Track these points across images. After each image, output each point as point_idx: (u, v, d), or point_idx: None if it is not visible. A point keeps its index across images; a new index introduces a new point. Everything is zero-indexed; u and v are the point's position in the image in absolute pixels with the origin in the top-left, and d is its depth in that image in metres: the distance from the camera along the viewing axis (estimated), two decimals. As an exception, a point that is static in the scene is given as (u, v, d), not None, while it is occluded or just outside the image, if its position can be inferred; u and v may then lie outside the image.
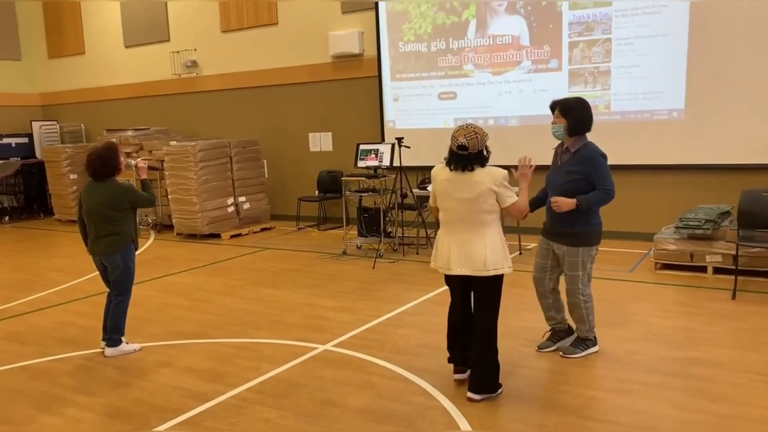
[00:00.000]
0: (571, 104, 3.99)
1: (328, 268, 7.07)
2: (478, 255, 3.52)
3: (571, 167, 3.96)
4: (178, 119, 11.28)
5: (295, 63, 9.89)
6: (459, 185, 3.53)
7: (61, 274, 7.25)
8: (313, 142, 10.04)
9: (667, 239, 6.23)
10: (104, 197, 4.45)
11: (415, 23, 8.78)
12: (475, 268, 3.53)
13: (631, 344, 4.39)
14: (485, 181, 3.49)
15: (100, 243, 4.52)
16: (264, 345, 4.69)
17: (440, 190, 3.64)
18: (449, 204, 3.60)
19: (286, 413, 3.58)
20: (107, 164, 4.47)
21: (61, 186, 11.17)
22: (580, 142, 3.99)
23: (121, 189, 4.51)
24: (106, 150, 4.52)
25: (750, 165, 6.96)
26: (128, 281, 4.64)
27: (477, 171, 3.50)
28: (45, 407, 3.80)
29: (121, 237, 4.51)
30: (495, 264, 3.52)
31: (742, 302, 5.22)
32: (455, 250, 3.58)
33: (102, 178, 4.49)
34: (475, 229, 3.54)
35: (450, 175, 3.57)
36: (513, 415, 3.46)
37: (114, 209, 4.46)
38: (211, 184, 9.12)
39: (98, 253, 4.56)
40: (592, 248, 4.07)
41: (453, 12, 8.49)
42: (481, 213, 3.52)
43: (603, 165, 3.95)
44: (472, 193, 3.50)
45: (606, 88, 7.60)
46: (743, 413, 3.36)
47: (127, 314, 4.68)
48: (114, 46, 11.94)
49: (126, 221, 4.53)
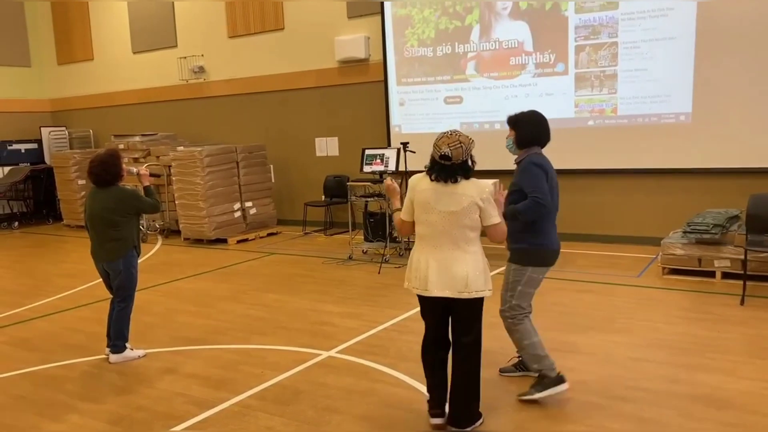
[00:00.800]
0: (519, 117, 3.76)
1: (333, 273, 7.06)
2: (459, 275, 3.18)
3: (514, 179, 3.70)
4: (185, 124, 11.33)
5: (302, 68, 9.91)
6: (442, 197, 3.20)
7: (68, 280, 7.28)
8: (319, 147, 10.05)
9: (674, 244, 6.18)
10: (108, 203, 4.47)
11: (418, 28, 8.78)
12: (456, 289, 3.19)
13: (637, 350, 4.35)
14: (471, 194, 3.17)
15: (103, 249, 4.54)
16: (268, 351, 4.69)
17: (420, 201, 3.26)
18: (430, 217, 3.23)
19: (288, 420, 3.57)
20: (110, 171, 4.48)
21: (70, 191, 11.23)
22: (526, 153, 3.70)
23: (126, 194, 4.54)
24: (108, 157, 4.53)
25: (758, 169, 6.89)
26: (131, 287, 4.65)
27: (462, 183, 3.20)
28: (49, 414, 3.81)
29: (123, 243, 4.52)
30: (477, 286, 3.19)
31: (750, 308, 5.16)
32: (434, 269, 3.22)
33: (104, 185, 4.50)
34: (457, 246, 3.21)
35: (432, 186, 3.24)
36: (515, 424, 3.43)
37: (118, 214, 4.48)
38: (217, 189, 9.14)
39: (101, 259, 4.59)
40: (526, 269, 3.64)
41: (456, 17, 8.48)
42: (465, 228, 3.19)
43: (534, 173, 3.59)
44: (458, 206, 3.17)
45: (613, 91, 7.56)
46: (751, 421, 3.31)
47: (130, 320, 4.69)
48: (122, 53, 12.01)
49: (128, 227, 4.54)
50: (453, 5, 8.47)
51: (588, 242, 7.79)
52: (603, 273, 6.46)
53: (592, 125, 7.74)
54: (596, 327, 4.86)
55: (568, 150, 7.65)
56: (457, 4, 8.45)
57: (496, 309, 3.80)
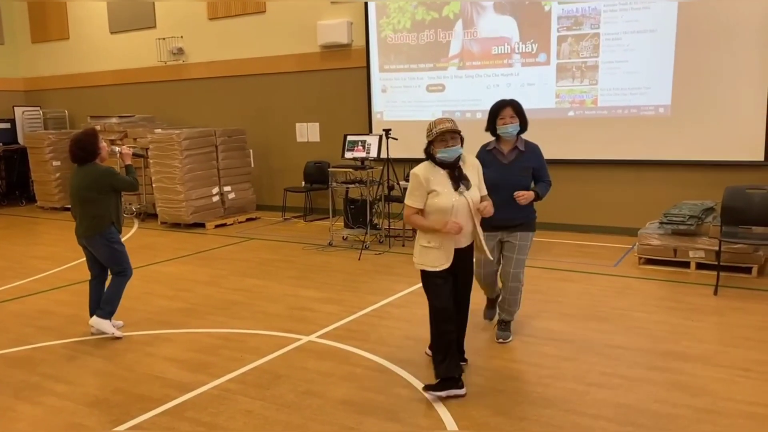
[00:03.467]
0: (521, 105, 4.24)
1: (313, 259, 7.04)
2: None
3: (524, 163, 4.24)
4: (163, 107, 11.16)
5: (283, 52, 9.81)
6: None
7: (42, 262, 7.16)
8: (300, 133, 9.98)
9: (651, 234, 6.27)
10: (84, 181, 4.56)
11: (393, 18, 8.76)
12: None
13: (613, 338, 4.41)
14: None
15: (82, 226, 4.63)
16: (248, 335, 4.66)
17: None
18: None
19: (268, 404, 3.56)
20: (86, 149, 4.56)
21: (44, 173, 11.02)
22: (522, 140, 4.28)
23: (101, 172, 4.59)
24: (84, 135, 4.62)
25: (734, 162, 7.01)
26: (121, 261, 4.72)
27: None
28: (23, 396, 3.75)
29: (99, 220, 4.59)
30: None
31: (723, 298, 5.26)
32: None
33: (82, 162, 4.58)
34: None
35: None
36: (496, 407, 3.46)
37: (94, 192, 4.55)
38: (196, 173, 9.04)
39: (80, 236, 4.66)
40: (534, 234, 4.38)
41: (434, 7, 8.46)
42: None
43: (544, 160, 4.36)
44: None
45: (593, 83, 7.61)
46: (724, 407, 3.38)
47: (121, 296, 4.73)
48: (99, 32, 11.77)
49: (105, 204, 4.60)
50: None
51: (566, 231, 7.86)
52: (580, 262, 6.53)
53: (573, 116, 7.80)
54: (574, 315, 4.92)
55: (547, 140, 7.57)
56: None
57: None
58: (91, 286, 4.80)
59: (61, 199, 10.87)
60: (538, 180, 4.28)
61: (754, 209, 5.58)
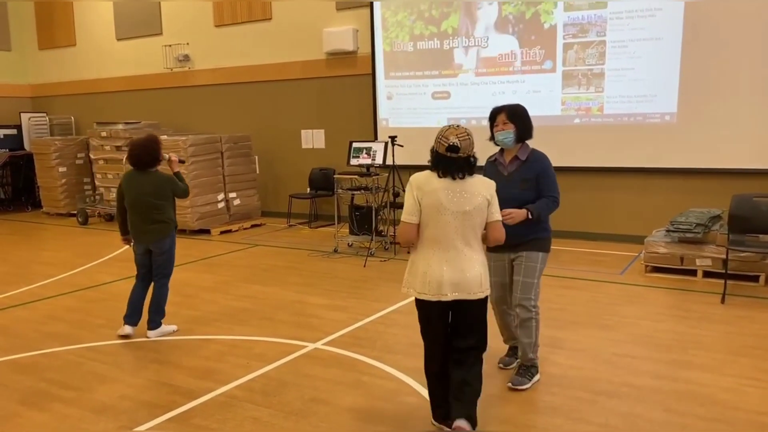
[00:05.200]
0: (518, 110, 3.77)
1: (318, 265, 7.04)
2: (473, 276, 3.07)
3: (526, 175, 3.75)
4: (169, 113, 11.20)
5: (289, 59, 9.85)
6: (455, 196, 3.05)
7: (48, 268, 7.17)
8: (305, 139, 10.00)
9: (657, 242, 6.25)
10: (149, 187, 4.70)
11: (392, 32, 8.80)
12: (470, 291, 3.07)
13: (620, 347, 4.40)
14: (481, 191, 3.08)
15: (150, 231, 4.74)
16: (254, 342, 4.66)
17: (431, 203, 3.05)
18: (442, 218, 3.05)
19: (275, 411, 3.55)
20: (152, 155, 4.70)
21: (50, 179, 11.05)
22: (527, 149, 3.80)
23: (164, 179, 4.76)
24: (148, 141, 4.75)
25: (741, 170, 6.99)
26: (171, 265, 4.93)
27: (469, 179, 3.08)
28: (30, 402, 3.75)
29: (168, 224, 4.78)
30: (486, 284, 3.14)
31: (731, 306, 5.24)
32: (448, 272, 3.06)
33: (144, 168, 4.71)
34: (469, 246, 3.09)
35: (443, 184, 3.06)
36: (502, 416, 3.45)
37: (159, 198, 4.70)
38: (201, 180, 9.06)
39: (148, 241, 4.77)
40: (547, 255, 3.85)
41: (432, 22, 8.51)
42: (476, 227, 3.10)
43: (553, 171, 3.79)
44: (470, 205, 3.04)
45: (599, 90, 7.61)
46: (732, 417, 3.37)
47: (167, 298, 4.91)
48: (106, 39, 11.83)
49: (169, 208, 4.78)
50: (429, 9, 8.48)
51: (572, 239, 7.85)
52: (587, 270, 6.52)
53: (579, 123, 7.80)
54: (581, 323, 4.90)
55: (553, 148, 7.60)
56: (433, 8, 8.45)
57: None
58: (135, 288, 4.90)
59: (67, 205, 10.90)
60: (541, 195, 3.73)
61: (761, 217, 5.56)
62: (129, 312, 4.82)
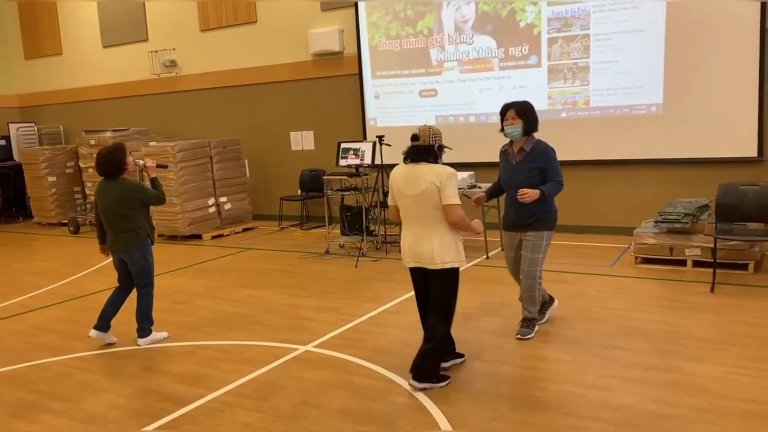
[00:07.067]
0: (525, 107, 4.36)
1: (310, 267, 7.03)
2: (426, 250, 3.67)
3: (530, 164, 4.35)
4: (157, 119, 11.17)
5: (276, 61, 9.83)
6: (409, 182, 3.67)
7: (39, 278, 7.15)
8: (294, 141, 9.99)
9: (646, 233, 6.27)
10: (115, 196, 4.63)
11: (368, 33, 8.81)
12: (425, 261, 3.70)
13: (610, 339, 4.41)
14: (430, 178, 3.59)
15: (119, 240, 4.68)
16: (244, 347, 4.66)
17: (395, 188, 3.76)
18: (403, 201, 3.74)
19: (265, 416, 3.55)
20: (114, 163, 4.62)
21: (40, 188, 11.00)
22: (532, 140, 4.39)
23: (130, 187, 4.68)
24: (112, 149, 4.69)
25: (727, 158, 7.02)
26: (149, 273, 4.82)
27: (423, 166, 3.65)
28: (20, 414, 3.74)
29: (136, 234, 4.68)
30: (443, 258, 3.66)
31: (720, 295, 5.26)
32: (409, 244, 3.76)
33: (110, 177, 4.65)
34: (425, 224, 3.67)
35: (404, 172, 3.71)
36: (493, 413, 3.46)
37: (124, 207, 4.62)
38: (191, 185, 9.04)
39: (117, 250, 4.73)
40: (552, 233, 4.45)
41: (407, 23, 8.54)
42: (430, 209, 3.63)
43: (556, 159, 4.40)
44: (419, 189, 3.62)
45: (585, 83, 7.62)
46: (720, 406, 3.38)
47: (152, 305, 4.85)
48: (92, 47, 11.79)
49: (138, 217, 4.69)
50: (404, 10, 8.51)
51: (561, 233, 7.78)
52: (577, 263, 6.53)
53: (565, 117, 7.81)
54: (570, 316, 4.91)
55: (542, 142, 7.70)
56: (408, 8, 8.47)
57: None
58: (113, 294, 4.84)
59: (57, 214, 10.86)
60: (547, 180, 4.33)
61: (748, 205, 5.58)
62: (99, 316, 4.77)
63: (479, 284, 5.91)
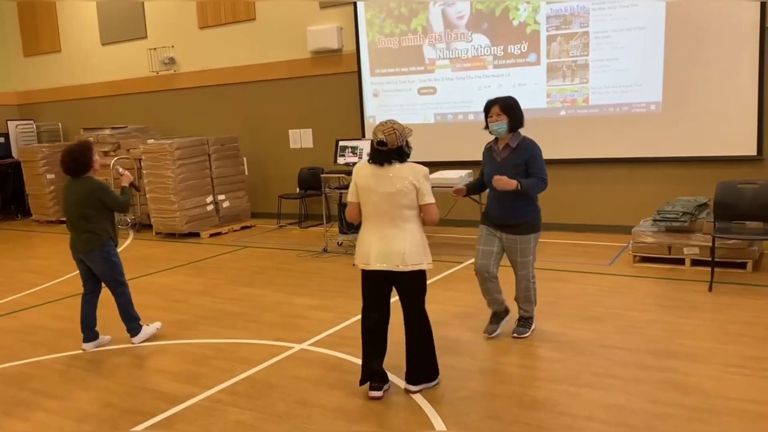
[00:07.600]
0: (510, 103, 4.21)
1: (308, 265, 7.01)
2: (396, 250, 3.53)
3: (516, 160, 4.20)
4: (156, 117, 11.15)
5: (274, 59, 9.80)
6: (381, 180, 3.53)
7: (36, 276, 7.13)
8: (293, 139, 9.96)
9: (645, 232, 6.24)
10: (79, 195, 4.49)
11: (366, 30, 8.80)
12: (393, 263, 3.53)
13: (607, 338, 4.39)
14: (407, 176, 3.51)
15: (79, 240, 4.56)
16: (240, 345, 4.64)
17: (362, 185, 3.61)
18: (371, 199, 3.57)
19: (259, 414, 3.53)
20: (79, 161, 4.49)
21: (39, 186, 11.00)
22: (518, 137, 4.26)
23: (94, 186, 4.53)
24: (78, 147, 4.58)
25: (726, 157, 6.99)
26: (117, 274, 4.68)
27: (397, 165, 3.53)
28: (13, 413, 3.73)
29: (97, 236, 4.52)
30: (413, 260, 3.54)
31: (718, 294, 5.24)
32: (375, 245, 3.57)
33: (75, 175, 4.52)
34: (395, 224, 3.55)
35: (372, 170, 3.57)
36: (487, 412, 3.44)
37: (86, 206, 4.48)
38: (189, 183, 9.02)
39: (78, 251, 4.59)
40: (539, 233, 4.36)
41: (402, 20, 8.51)
42: (402, 208, 3.53)
43: (541, 155, 4.25)
44: (393, 187, 3.50)
45: (584, 81, 7.59)
46: (716, 405, 3.36)
47: (132, 302, 4.74)
48: (90, 44, 11.76)
49: (101, 219, 4.54)
50: (398, 7, 8.49)
51: (560, 231, 7.82)
52: (575, 261, 6.51)
53: (564, 115, 7.78)
54: (567, 315, 4.89)
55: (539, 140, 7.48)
56: (402, 6, 8.44)
57: None
58: (83, 301, 4.72)
59: (56, 212, 10.84)
60: (530, 176, 4.17)
61: (747, 204, 5.56)
62: (82, 329, 4.68)
63: (474, 283, 5.86)
